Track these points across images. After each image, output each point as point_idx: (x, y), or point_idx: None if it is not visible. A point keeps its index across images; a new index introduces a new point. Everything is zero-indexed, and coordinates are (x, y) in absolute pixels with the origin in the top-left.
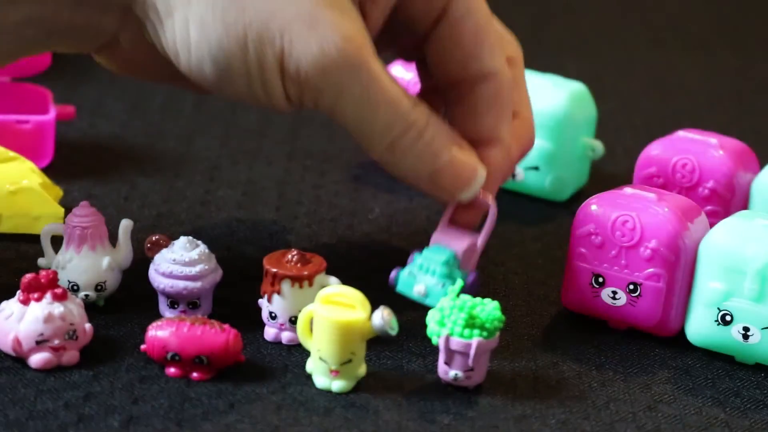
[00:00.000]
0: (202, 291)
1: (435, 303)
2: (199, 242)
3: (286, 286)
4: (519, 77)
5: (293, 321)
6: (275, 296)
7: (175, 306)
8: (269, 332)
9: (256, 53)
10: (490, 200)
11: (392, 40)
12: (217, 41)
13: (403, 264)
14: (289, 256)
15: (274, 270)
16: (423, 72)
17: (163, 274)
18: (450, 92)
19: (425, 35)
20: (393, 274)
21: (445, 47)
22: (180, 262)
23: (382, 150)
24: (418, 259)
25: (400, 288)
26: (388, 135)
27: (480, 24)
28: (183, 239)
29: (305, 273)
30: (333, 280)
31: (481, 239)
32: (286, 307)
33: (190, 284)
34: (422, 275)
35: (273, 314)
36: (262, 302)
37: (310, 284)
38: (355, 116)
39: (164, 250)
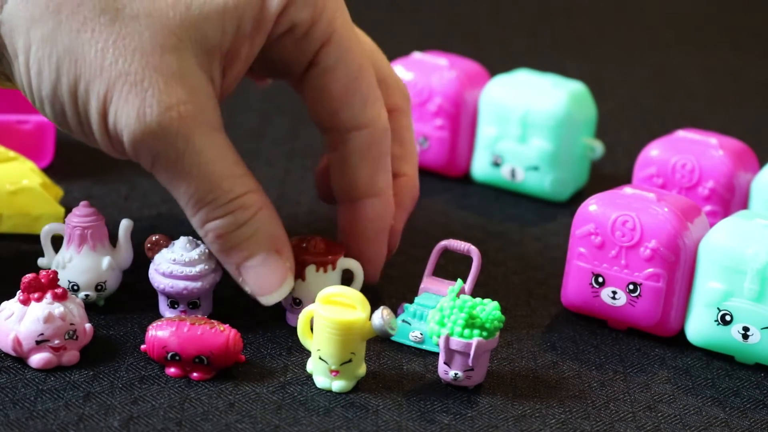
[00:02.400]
0: (202, 291)
1: (432, 347)
2: (199, 242)
3: (311, 271)
4: (403, 129)
5: None
6: (299, 282)
7: (175, 306)
8: (292, 318)
9: (83, 105)
10: (473, 251)
11: (276, 76)
12: (51, 88)
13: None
14: (308, 243)
15: (299, 257)
16: None
17: (164, 274)
18: (327, 138)
19: (299, 80)
20: (400, 310)
21: (315, 95)
22: (180, 262)
23: (196, 225)
24: (410, 308)
25: (396, 337)
26: (201, 212)
27: (351, 74)
28: (183, 239)
29: (329, 257)
30: (353, 262)
31: (468, 284)
32: (310, 291)
33: (191, 284)
34: (417, 322)
35: (297, 300)
36: None
37: (333, 267)
38: (170, 184)
39: (164, 250)
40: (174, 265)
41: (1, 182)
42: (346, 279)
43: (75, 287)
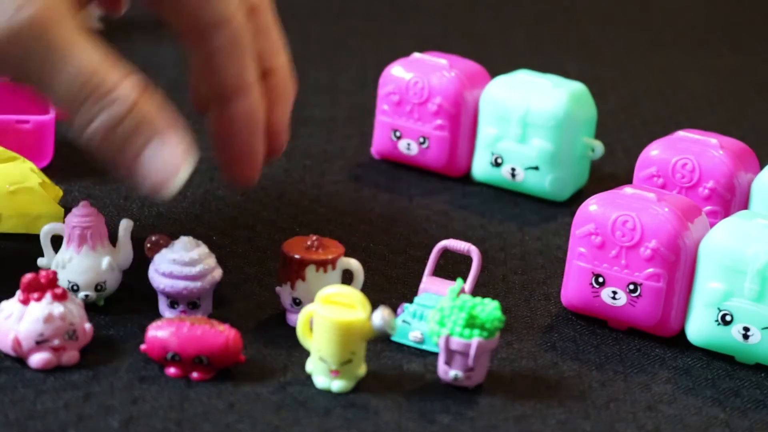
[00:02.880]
0: (202, 291)
1: (432, 347)
2: (200, 242)
3: (311, 271)
4: (265, 25)
5: None
6: (299, 282)
7: (175, 306)
8: (293, 318)
9: None
10: (473, 250)
11: None
12: None
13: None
14: (309, 242)
15: (299, 257)
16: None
17: (164, 274)
18: (186, 43)
19: None
20: (400, 310)
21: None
22: (180, 262)
23: (82, 126)
24: (410, 308)
25: (396, 337)
26: (84, 108)
27: None
28: (183, 239)
29: (329, 257)
30: (354, 263)
31: (468, 284)
32: (310, 291)
33: (191, 284)
34: (417, 322)
35: (297, 300)
36: (283, 290)
37: (333, 267)
38: (45, 85)
39: (164, 250)
40: (174, 265)
41: (1, 182)
42: (346, 279)
43: (75, 287)
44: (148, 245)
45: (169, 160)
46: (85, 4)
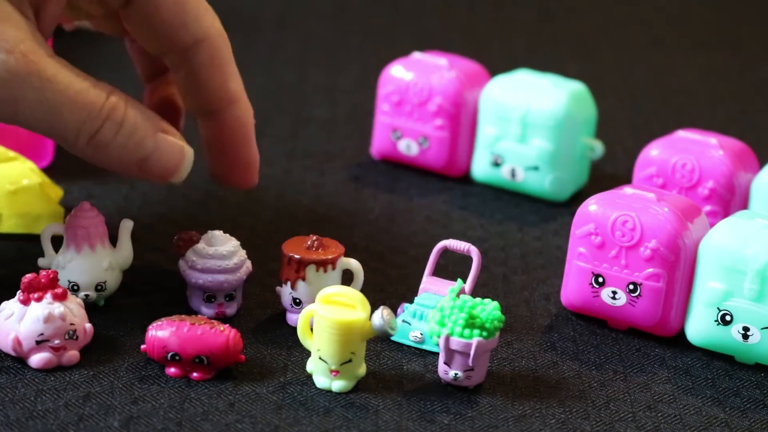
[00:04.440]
0: (239, 282)
1: (432, 346)
2: (229, 236)
3: (311, 271)
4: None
5: None
6: (300, 282)
7: (213, 300)
8: (293, 318)
9: None
10: (473, 251)
11: (87, 19)
12: None
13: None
14: (309, 242)
15: (299, 257)
16: (134, 44)
17: (201, 270)
18: (168, 60)
19: (120, 16)
20: (400, 310)
21: (145, 24)
22: (217, 256)
23: (83, 147)
24: (410, 308)
25: (396, 337)
26: (83, 133)
27: None
28: (215, 233)
29: (330, 257)
30: (354, 263)
31: (468, 284)
32: (311, 291)
33: (230, 276)
34: (417, 322)
35: (297, 300)
36: (283, 290)
37: (333, 268)
38: (40, 122)
39: (197, 246)
40: (211, 260)
41: (1, 182)
42: (346, 279)
43: (75, 287)
44: (180, 243)
45: (170, 154)
46: (47, 32)
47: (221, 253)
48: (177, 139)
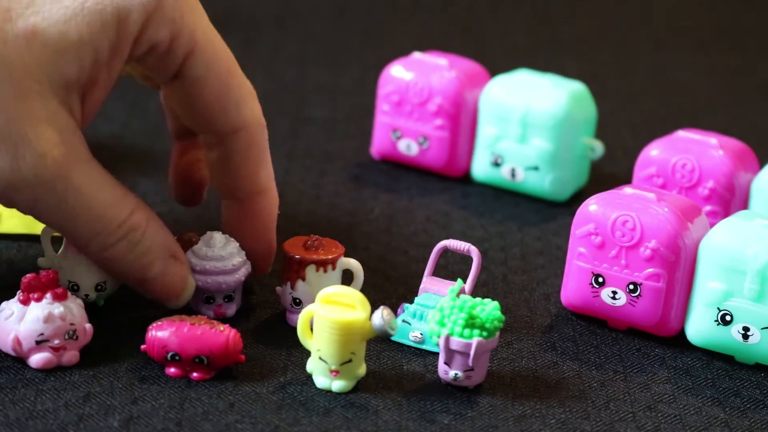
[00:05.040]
0: (238, 283)
1: (432, 347)
2: (229, 237)
3: (311, 271)
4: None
5: None
6: (299, 282)
7: (211, 301)
8: (292, 318)
9: None
10: (473, 250)
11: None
12: None
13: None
14: (309, 242)
15: (299, 257)
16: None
17: (200, 272)
18: (204, 139)
19: (166, 88)
20: (400, 310)
21: (187, 104)
22: (215, 257)
23: (91, 254)
24: (410, 308)
25: (396, 337)
26: (95, 244)
27: (222, 79)
28: (214, 235)
29: (330, 257)
30: (354, 263)
31: (468, 284)
32: (311, 291)
33: (228, 278)
34: (417, 322)
35: (297, 300)
36: (283, 290)
37: (333, 268)
38: (56, 224)
39: (196, 247)
40: (209, 261)
41: None
42: (346, 279)
43: (75, 287)
44: (179, 244)
45: (173, 282)
46: (89, 118)
47: (219, 255)
48: (184, 267)
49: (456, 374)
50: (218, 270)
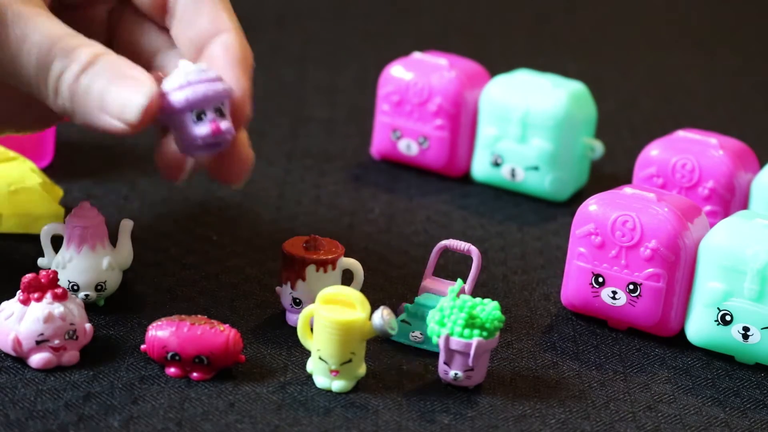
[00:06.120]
0: (226, 92)
1: (432, 347)
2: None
3: (311, 271)
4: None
5: None
6: (300, 282)
7: (203, 117)
8: (292, 318)
9: None
10: (473, 250)
11: None
12: None
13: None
14: (308, 242)
15: (299, 256)
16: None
17: (180, 87)
18: (187, 56)
19: None
20: (400, 310)
21: None
22: (195, 70)
23: (51, 91)
24: (410, 308)
25: (396, 337)
26: (50, 74)
27: None
28: (184, 61)
29: (330, 257)
30: (354, 263)
31: (468, 284)
32: (311, 291)
33: (213, 86)
34: (417, 322)
35: (297, 300)
36: (283, 290)
37: (333, 268)
38: (11, 63)
39: (169, 76)
40: (189, 75)
41: (1, 182)
42: (347, 279)
43: (75, 287)
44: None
45: (125, 94)
46: None
47: (198, 68)
48: (144, 78)
49: (456, 374)
50: (199, 80)
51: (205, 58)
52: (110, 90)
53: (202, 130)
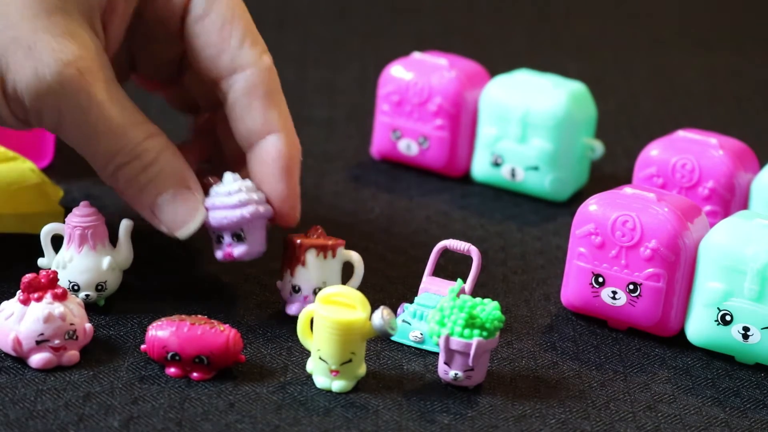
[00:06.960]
0: (243, 221)
1: (432, 347)
2: (246, 179)
3: (311, 256)
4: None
5: (317, 293)
6: (299, 268)
7: (221, 239)
8: (292, 307)
9: None
10: (473, 250)
11: (151, 63)
12: None
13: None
14: (310, 232)
15: (299, 240)
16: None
17: (208, 208)
18: (217, 93)
19: (179, 36)
20: (400, 310)
21: (193, 45)
22: (222, 193)
23: (107, 176)
24: (410, 308)
25: (396, 337)
26: (111, 163)
27: (224, 17)
28: (228, 173)
29: (330, 243)
30: (354, 255)
31: (468, 284)
32: (310, 278)
33: (230, 213)
34: (417, 322)
35: (296, 287)
36: (283, 281)
37: (334, 255)
38: (77, 140)
39: (212, 186)
40: (216, 197)
41: (0, 182)
42: (347, 274)
43: (75, 287)
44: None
45: (183, 210)
46: (113, 47)
47: (226, 191)
48: (195, 198)
49: (456, 374)
50: (221, 205)
51: (253, 159)
52: (166, 199)
53: (217, 252)
